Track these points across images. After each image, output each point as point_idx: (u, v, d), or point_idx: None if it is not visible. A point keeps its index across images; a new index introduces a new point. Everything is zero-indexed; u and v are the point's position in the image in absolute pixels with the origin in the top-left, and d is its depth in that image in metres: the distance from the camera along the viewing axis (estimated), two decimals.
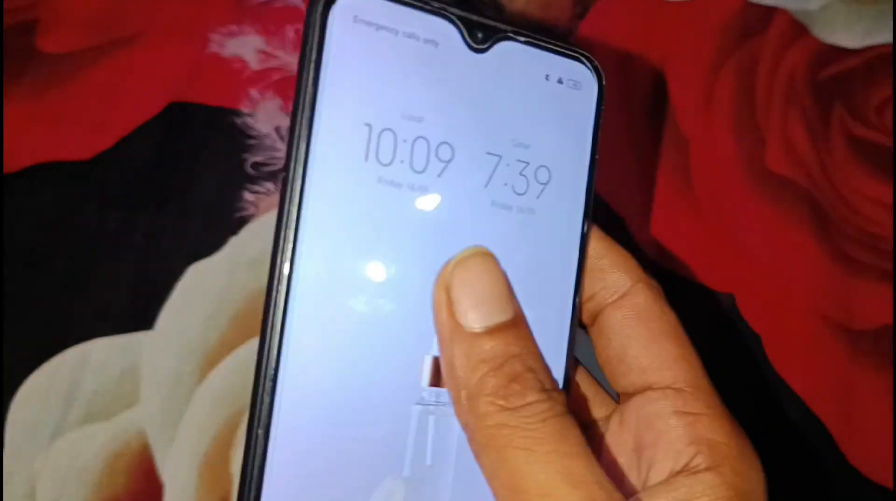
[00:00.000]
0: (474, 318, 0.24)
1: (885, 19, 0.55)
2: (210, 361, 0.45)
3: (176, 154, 0.50)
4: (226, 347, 0.45)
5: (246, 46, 0.55)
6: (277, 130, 0.52)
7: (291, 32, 0.56)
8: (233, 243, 0.47)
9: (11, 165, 0.49)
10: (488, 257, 0.26)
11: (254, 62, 0.54)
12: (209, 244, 0.48)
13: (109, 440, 0.43)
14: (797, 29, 0.56)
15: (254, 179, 0.49)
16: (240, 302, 0.46)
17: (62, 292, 0.46)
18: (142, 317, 0.46)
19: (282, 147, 0.51)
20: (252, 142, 0.51)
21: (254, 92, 0.53)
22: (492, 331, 0.24)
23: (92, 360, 0.45)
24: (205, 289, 0.46)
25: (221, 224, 0.48)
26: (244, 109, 0.52)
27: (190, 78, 0.53)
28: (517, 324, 0.25)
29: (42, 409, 0.44)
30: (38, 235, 0.47)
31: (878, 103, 0.53)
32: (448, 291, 0.25)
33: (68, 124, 0.52)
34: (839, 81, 0.54)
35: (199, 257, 0.47)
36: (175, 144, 0.50)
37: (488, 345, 0.24)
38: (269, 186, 0.49)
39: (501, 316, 0.25)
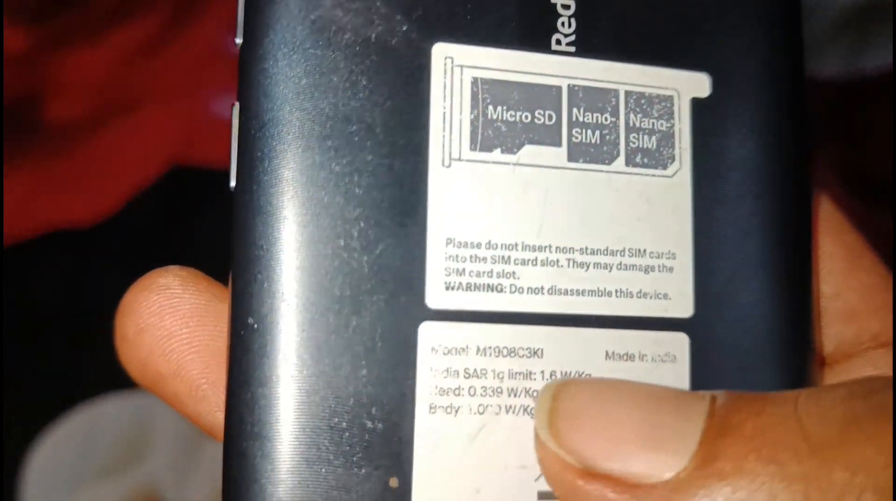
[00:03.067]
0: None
1: None
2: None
3: (178, 216, 0.52)
4: None
5: None
6: None
7: None
8: None
9: (19, 235, 0.50)
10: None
11: None
12: None
13: (125, 493, 0.45)
14: None
15: None
16: None
17: (72, 352, 0.48)
18: None
19: None
20: None
21: None
22: None
23: (104, 416, 0.46)
24: None
25: (224, 281, 0.45)
26: None
27: (191, 141, 0.55)
28: None
29: (59, 465, 0.45)
30: (47, 298, 0.49)
31: None
32: None
33: (73, 192, 0.53)
34: None
35: None
36: (177, 207, 0.52)
37: None
38: None
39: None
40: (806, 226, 0.18)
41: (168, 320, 0.17)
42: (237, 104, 0.17)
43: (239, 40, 0.17)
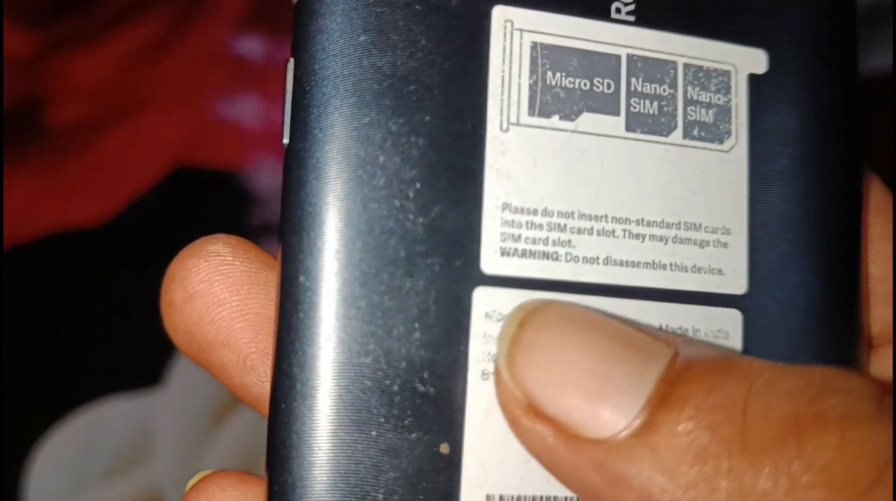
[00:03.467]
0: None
1: None
2: (222, 412, 0.47)
3: (181, 218, 0.52)
4: (236, 399, 0.42)
5: (248, 109, 0.56)
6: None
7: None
8: None
9: (23, 236, 0.51)
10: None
11: (256, 124, 0.55)
12: None
13: (129, 494, 0.45)
14: None
15: (257, 239, 0.49)
16: None
17: (77, 354, 0.48)
18: (154, 373, 0.47)
19: None
20: (255, 203, 0.52)
21: (256, 154, 0.54)
22: None
23: (107, 417, 0.46)
24: None
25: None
26: (247, 171, 0.53)
27: (193, 143, 0.55)
28: None
29: (63, 467, 0.45)
30: (52, 300, 0.49)
31: None
32: None
33: (76, 194, 0.53)
34: None
35: None
36: (181, 209, 0.53)
37: None
38: (272, 244, 0.48)
39: None
40: (857, 206, 0.18)
41: (218, 287, 0.17)
42: (291, 60, 0.16)
43: None
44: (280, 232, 0.16)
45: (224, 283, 0.17)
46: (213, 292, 0.17)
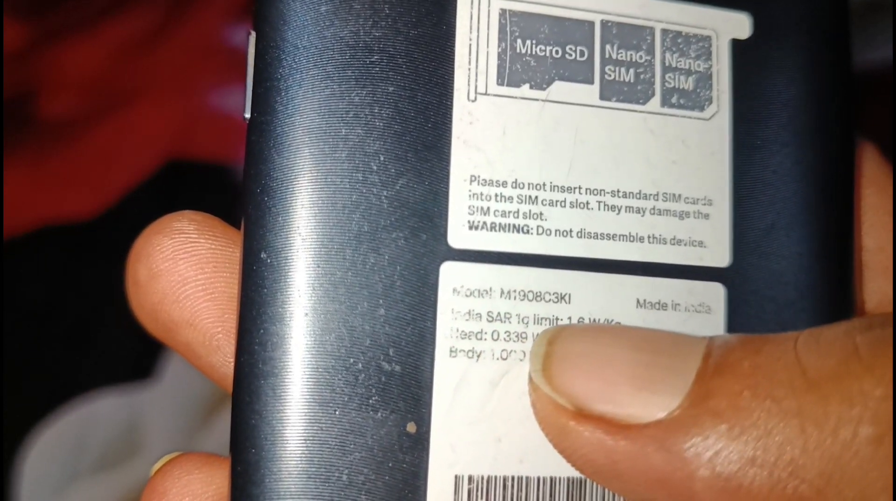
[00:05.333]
0: None
1: None
2: (214, 406, 0.47)
3: (174, 210, 0.51)
4: (227, 393, 0.43)
5: (241, 101, 0.53)
6: None
7: None
8: None
9: (16, 230, 0.51)
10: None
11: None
12: None
13: (120, 488, 0.45)
14: None
15: None
16: None
17: (68, 347, 0.48)
18: (145, 367, 0.47)
19: None
20: None
21: None
22: None
23: (99, 411, 0.46)
24: None
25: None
26: (240, 163, 0.51)
27: (187, 135, 0.55)
28: None
29: (54, 459, 0.45)
30: (45, 294, 0.49)
31: None
32: None
33: (69, 187, 0.53)
34: None
35: None
36: (174, 201, 0.51)
37: None
38: None
39: None
40: (849, 176, 0.17)
41: (182, 265, 0.16)
42: (253, 33, 0.16)
43: None
44: (242, 207, 0.15)
45: (189, 261, 0.16)
46: (178, 271, 0.16)
